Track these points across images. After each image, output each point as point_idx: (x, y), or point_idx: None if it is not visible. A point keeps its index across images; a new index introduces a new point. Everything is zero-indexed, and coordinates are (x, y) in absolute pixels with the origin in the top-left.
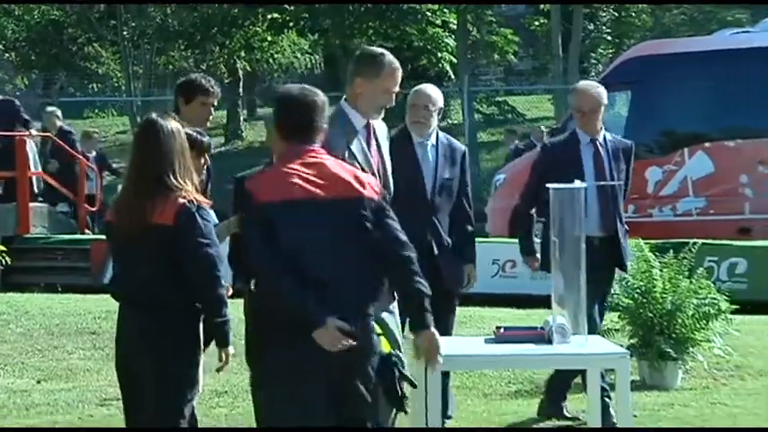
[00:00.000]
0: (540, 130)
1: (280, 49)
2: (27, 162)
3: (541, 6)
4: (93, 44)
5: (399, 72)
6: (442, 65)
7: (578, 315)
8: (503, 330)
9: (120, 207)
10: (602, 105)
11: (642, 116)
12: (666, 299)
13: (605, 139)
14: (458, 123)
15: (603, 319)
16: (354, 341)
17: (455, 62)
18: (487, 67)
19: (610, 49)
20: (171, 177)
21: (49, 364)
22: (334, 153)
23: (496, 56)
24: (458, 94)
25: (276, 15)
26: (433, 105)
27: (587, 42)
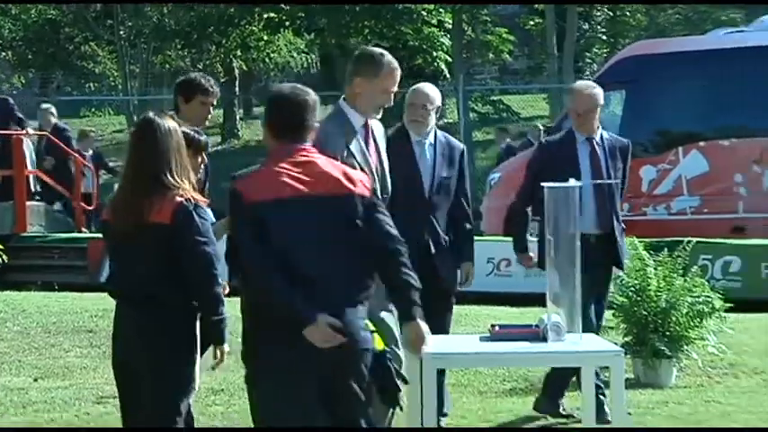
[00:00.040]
0: (538, 128)
1: (276, 48)
2: (24, 161)
3: (536, 6)
4: (90, 43)
5: (398, 72)
6: (437, 64)
7: (573, 313)
8: (498, 328)
9: (117, 206)
10: (598, 106)
11: (637, 115)
12: (661, 297)
13: (602, 138)
14: (453, 122)
15: (602, 319)
16: (345, 337)
17: (450, 61)
18: (482, 66)
19: (604, 49)
20: (168, 176)
21: (46, 362)
22: (332, 152)
23: (491, 55)
24: (453, 94)
25: (272, 15)
26: (431, 104)
27: (582, 42)
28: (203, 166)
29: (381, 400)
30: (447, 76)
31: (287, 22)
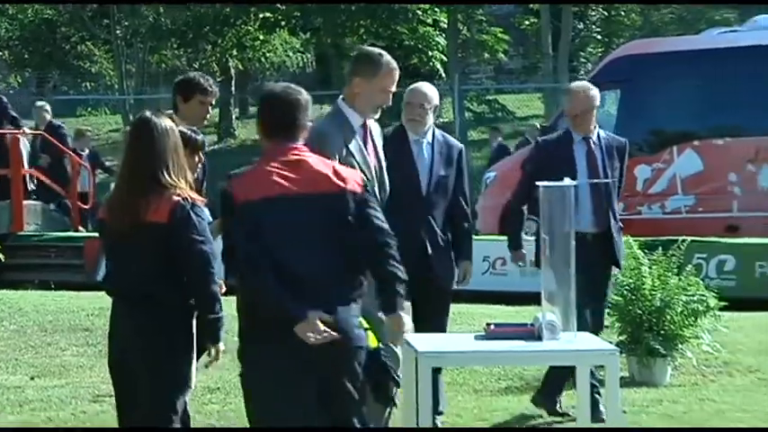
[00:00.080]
0: (536, 127)
1: (272, 47)
2: (20, 160)
3: (531, 5)
4: (86, 43)
5: (397, 72)
6: (432, 63)
7: (568, 312)
8: (493, 327)
9: (114, 205)
10: (594, 107)
11: (631, 114)
12: (655, 296)
13: (599, 137)
14: (448, 122)
15: (603, 320)
16: (338, 334)
17: (446, 61)
18: (478, 65)
19: (599, 48)
20: (165, 175)
21: (43, 361)
22: (331, 151)
23: (487, 54)
24: (448, 93)
25: (268, 14)
26: (429, 103)
27: (577, 41)
28: (201, 165)
29: (375, 398)
30: (442, 75)
31: (282, 22)
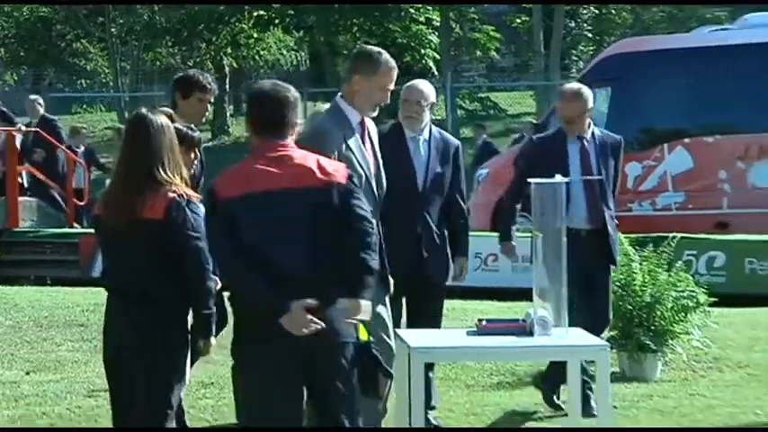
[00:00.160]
0: (532, 124)
1: (266, 45)
2: (16, 156)
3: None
4: (82, 40)
5: (395, 71)
6: (425, 61)
7: (560, 307)
8: (485, 323)
9: (109, 202)
10: (586, 111)
11: (622, 112)
12: (646, 292)
13: (593, 135)
14: (441, 119)
15: (608, 316)
16: (324, 324)
17: (438, 59)
18: (470, 63)
19: (590, 46)
20: (161, 172)
21: (38, 356)
22: (330, 147)
23: (479, 52)
24: (441, 91)
25: (262, 12)
26: (425, 100)
27: (568, 39)
28: (198, 161)
29: (363, 392)
30: (435, 73)
31: (276, 20)
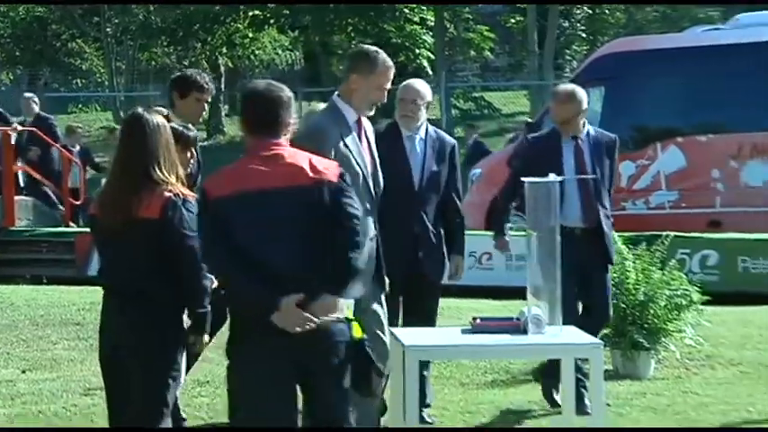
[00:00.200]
0: (528, 123)
1: (261, 45)
2: (12, 155)
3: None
4: (77, 40)
5: (392, 70)
6: (419, 61)
7: (554, 306)
8: (479, 321)
9: (105, 201)
10: (580, 112)
11: (616, 112)
12: (639, 290)
13: (588, 134)
14: (435, 119)
15: (608, 312)
16: (317, 320)
17: (433, 58)
18: (464, 63)
19: (584, 46)
20: (157, 171)
21: (34, 355)
22: (328, 145)
23: (473, 52)
24: (435, 90)
25: (257, 12)
26: (422, 99)
27: (562, 39)
28: (195, 160)
29: (355, 389)
30: (429, 73)
31: (271, 20)
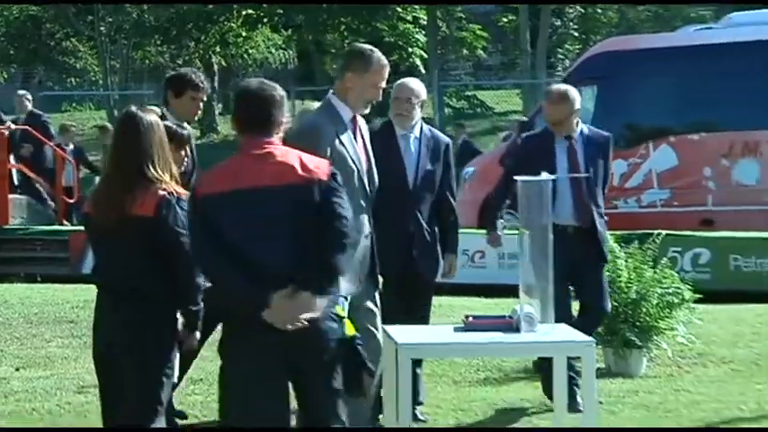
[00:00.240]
0: (521, 122)
1: (254, 44)
2: (6, 154)
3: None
4: (71, 39)
5: (387, 69)
6: (412, 60)
7: (546, 304)
8: (471, 319)
9: (99, 199)
10: (573, 112)
11: (608, 110)
12: (631, 288)
13: (581, 133)
14: (428, 117)
15: (605, 308)
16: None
17: (425, 57)
18: (457, 62)
19: (576, 45)
20: (150, 169)
21: (28, 352)
22: (324, 143)
23: (466, 51)
24: (428, 89)
25: (251, 11)
26: (416, 98)
27: (555, 38)
28: (189, 159)
29: (346, 389)
30: (422, 71)
31: (265, 19)
